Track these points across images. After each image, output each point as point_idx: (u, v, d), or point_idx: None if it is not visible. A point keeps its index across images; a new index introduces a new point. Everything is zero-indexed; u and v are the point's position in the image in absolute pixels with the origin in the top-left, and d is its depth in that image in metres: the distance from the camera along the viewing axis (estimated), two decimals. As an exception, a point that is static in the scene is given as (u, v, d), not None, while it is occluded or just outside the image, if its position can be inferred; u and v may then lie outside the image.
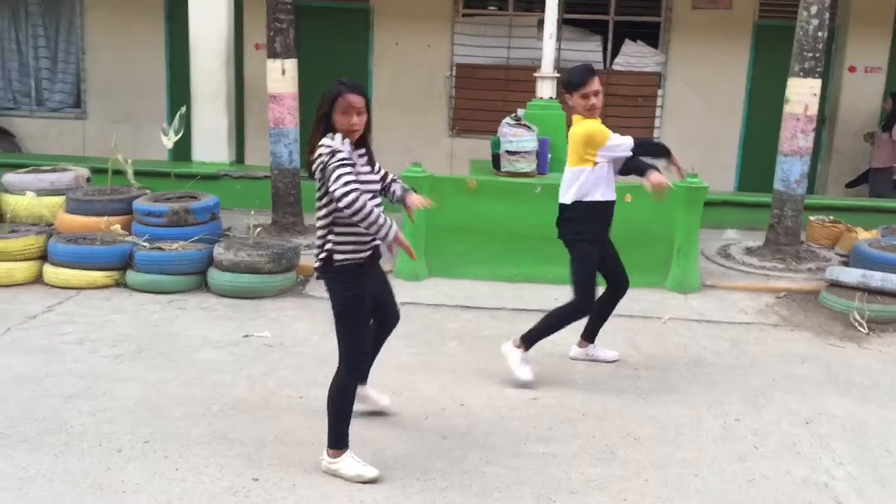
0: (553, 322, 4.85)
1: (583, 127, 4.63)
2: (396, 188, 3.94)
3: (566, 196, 4.75)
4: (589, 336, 5.20)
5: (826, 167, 11.13)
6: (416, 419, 4.30)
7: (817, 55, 6.92)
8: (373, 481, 3.64)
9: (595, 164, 4.63)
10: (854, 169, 10.95)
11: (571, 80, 4.65)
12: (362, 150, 3.71)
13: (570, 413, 4.47)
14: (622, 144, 4.65)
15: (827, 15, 6.92)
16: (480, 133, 10.20)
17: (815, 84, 6.98)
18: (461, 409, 4.47)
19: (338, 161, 3.48)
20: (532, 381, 4.77)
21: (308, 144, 3.65)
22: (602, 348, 5.24)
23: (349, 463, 3.68)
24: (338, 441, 3.70)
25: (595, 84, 4.62)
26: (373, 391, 4.26)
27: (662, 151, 4.87)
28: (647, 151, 4.97)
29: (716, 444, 4.18)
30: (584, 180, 4.66)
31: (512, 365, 4.80)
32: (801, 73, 6.98)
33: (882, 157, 9.91)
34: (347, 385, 3.71)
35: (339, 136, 3.56)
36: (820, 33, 6.90)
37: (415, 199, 3.91)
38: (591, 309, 4.90)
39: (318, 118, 3.60)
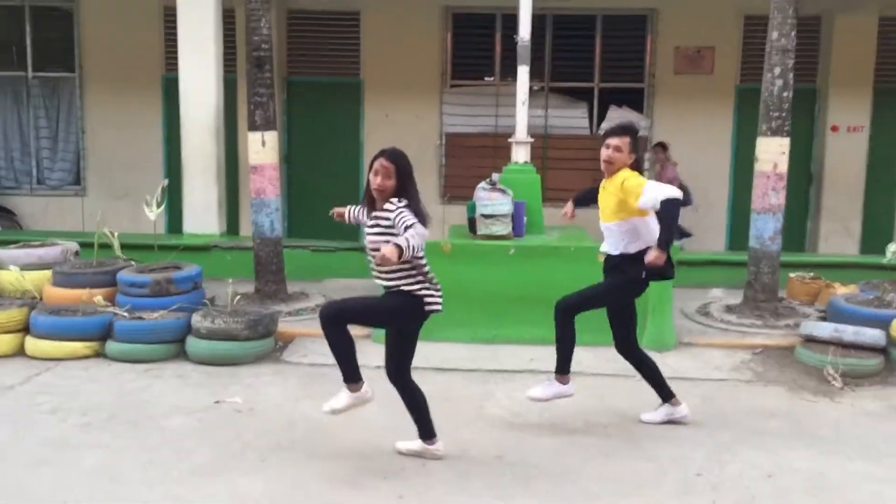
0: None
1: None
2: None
3: None
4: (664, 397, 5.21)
5: (815, 224, 11.20)
6: (374, 479, 4.31)
7: (783, 114, 7.06)
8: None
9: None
10: (843, 227, 11.01)
11: (606, 129, 5.01)
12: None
13: (531, 471, 4.47)
14: None
15: (791, 76, 7.07)
16: (471, 199, 10.32)
17: (783, 142, 7.10)
18: (422, 468, 4.48)
19: None
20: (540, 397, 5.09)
21: None
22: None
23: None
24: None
25: (610, 139, 4.83)
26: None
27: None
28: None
29: (674, 499, 4.17)
30: None
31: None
32: (769, 132, 7.11)
33: None
34: None
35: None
36: (785, 94, 7.05)
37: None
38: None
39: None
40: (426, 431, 4.53)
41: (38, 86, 11.56)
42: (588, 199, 5.29)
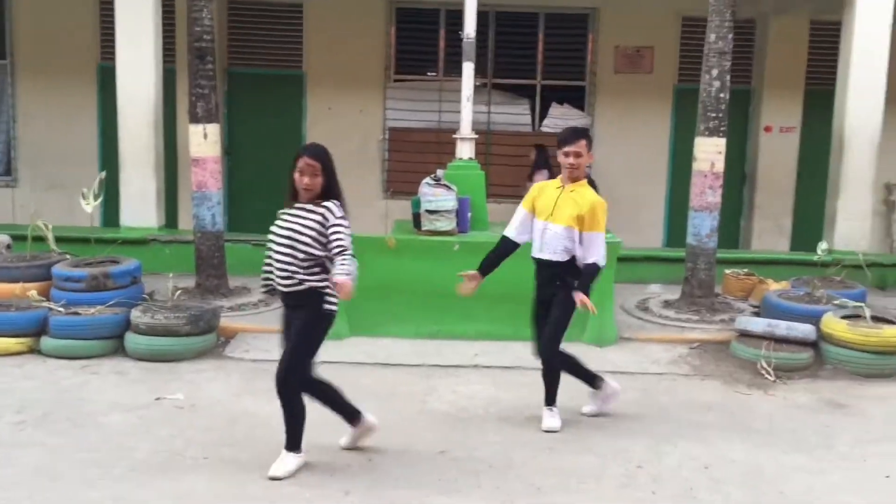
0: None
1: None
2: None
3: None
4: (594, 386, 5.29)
5: (749, 222, 11.50)
6: (320, 476, 4.30)
7: (720, 115, 7.24)
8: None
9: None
10: (775, 224, 11.34)
11: (559, 138, 5.01)
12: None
13: (476, 465, 4.51)
14: None
15: (728, 77, 7.25)
16: (414, 194, 10.34)
17: (719, 143, 7.28)
18: (368, 463, 4.49)
19: None
20: (559, 427, 5.04)
21: None
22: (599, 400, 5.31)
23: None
24: None
25: (574, 146, 4.87)
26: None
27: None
28: None
29: (616, 492, 4.26)
30: None
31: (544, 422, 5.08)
32: (707, 133, 7.28)
33: None
34: None
35: None
36: (722, 95, 7.23)
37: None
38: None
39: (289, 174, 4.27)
40: (349, 414, 4.52)
41: (-34, 71, 11.17)
42: (502, 259, 5.15)
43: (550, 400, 5.15)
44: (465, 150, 7.59)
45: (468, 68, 7.40)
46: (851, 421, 5.34)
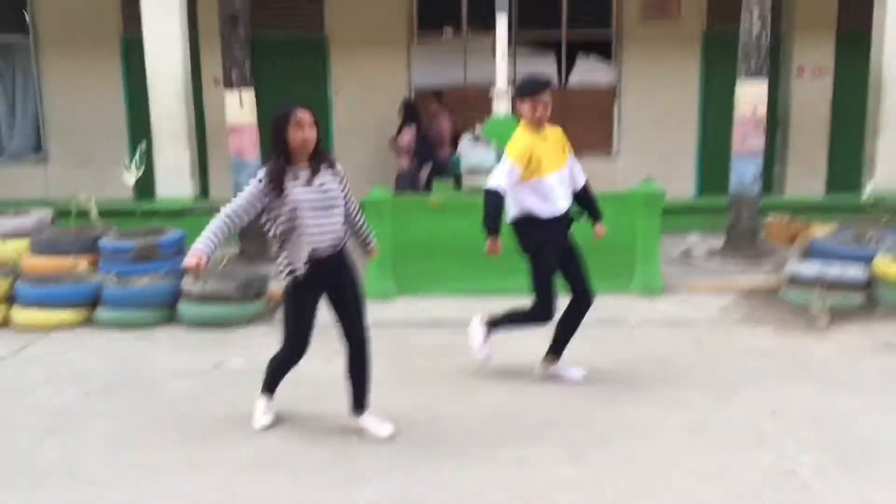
0: (514, 318, 5.05)
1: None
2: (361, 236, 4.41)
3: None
4: (555, 352, 5.18)
5: (782, 168, 11.36)
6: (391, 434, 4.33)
7: (762, 58, 7.13)
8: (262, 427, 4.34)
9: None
10: (810, 169, 11.21)
11: (523, 87, 4.83)
12: (306, 164, 4.04)
13: (540, 418, 4.53)
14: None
15: (769, 18, 7.13)
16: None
17: (761, 86, 7.18)
18: (433, 420, 4.52)
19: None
20: (487, 359, 5.07)
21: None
22: (569, 367, 5.17)
23: (259, 404, 4.42)
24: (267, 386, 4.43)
25: (545, 96, 4.77)
26: (371, 421, 4.34)
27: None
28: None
29: (683, 440, 4.26)
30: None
31: (472, 341, 5.10)
32: (748, 76, 7.18)
33: (400, 163, 10.14)
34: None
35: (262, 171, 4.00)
36: (763, 36, 7.11)
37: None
38: (548, 318, 4.94)
39: (273, 137, 3.97)
40: (362, 400, 4.37)
41: (-10, 51, 11.16)
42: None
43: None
44: (502, 106, 7.52)
45: (502, 21, 7.32)
46: (910, 362, 5.32)
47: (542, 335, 5.85)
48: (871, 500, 3.62)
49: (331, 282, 4.19)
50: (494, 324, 5.12)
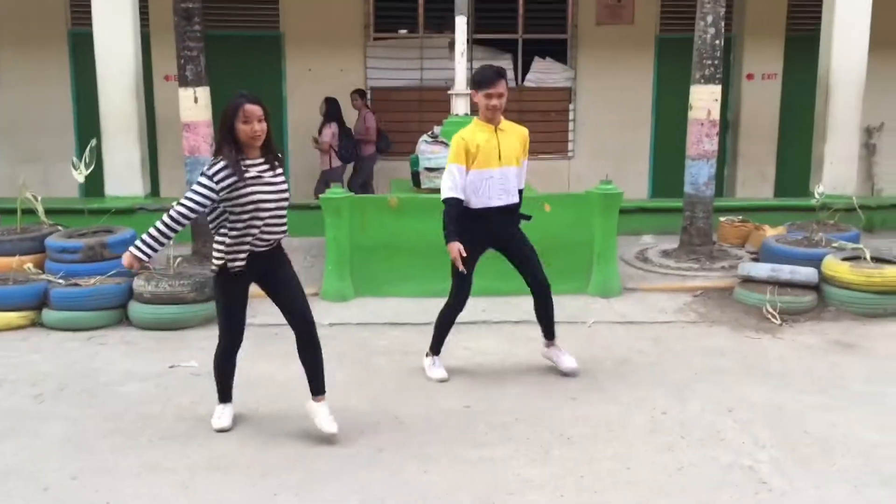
0: (441, 324, 5.10)
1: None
2: None
3: None
4: (547, 337, 5.22)
5: (732, 170, 11.59)
6: (351, 435, 4.28)
7: (716, 62, 7.24)
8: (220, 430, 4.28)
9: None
10: (759, 171, 11.43)
11: (477, 79, 4.84)
12: (260, 160, 4.01)
13: (503, 417, 4.53)
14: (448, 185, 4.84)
15: (722, 24, 7.25)
16: (398, 154, 10.30)
17: (715, 90, 7.29)
18: (395, 421, 4.48)
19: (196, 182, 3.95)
20: (446, 377, 5.03)
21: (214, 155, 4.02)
22: (563, 354, 5.18)
23: (217, 407, 4.40)
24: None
25: (500, 87, 4.75)
26: (324, 411, 4.28)
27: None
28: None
29: (644, 438, 4.29)
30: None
31: (426, 370, 5.11)
32: (702, 80, 7.28)
33: (322, 161, 10.33)
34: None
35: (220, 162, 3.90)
36: (717, 41, 7.22)
37: None
38: (460, 306, 5.04)
39: (221, 129, 3.94)
40: (320, 385, 4.32)
41: (-67, 42, 10.79)
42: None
43: (554, 334, 5.19)
44: (459, 106, 7.51)
45: (461, 22, 7.31)
46: (861, 360, 5.43)
47: (500, 336, 5.90)
48: (827, 495, 3.69)
49: (262, 273, 4.17)
50: (435, 346, 5.16)
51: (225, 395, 4.42)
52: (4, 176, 10.52)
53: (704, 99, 7.30)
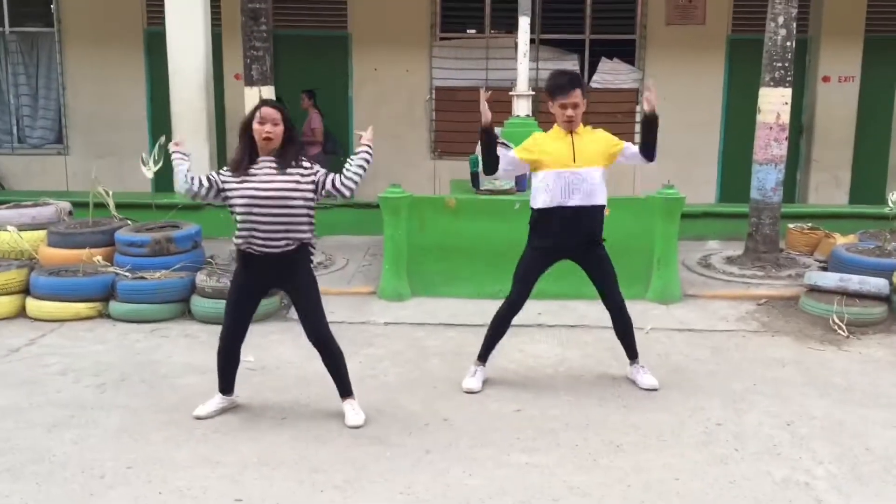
0: (495, 328, 5.00)
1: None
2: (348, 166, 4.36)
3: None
4: (629, 357, 5.09)
5: (805, 176, 11.26)
6: (400, 435, 4.30)
7: (787, 64, 7.04)
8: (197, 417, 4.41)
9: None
10: (833, 177, 11.08)
11: (550, 87, 4.70)
12: (271, 160, 4.17)
13: (552, 423, 4.49)
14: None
15: (794, 25, 7.04)
16: (461, 154, 10.24)
17: (785, 93, 7.09)
18: (444, 423, 4.48)
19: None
20: (476, 389, 4.90)
21: None
22: (642, 372, 5.04)
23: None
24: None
25: (574, 96, 4.60)
26: (348, 407, 4.43)
27: None
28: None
29: (697, 449, 4.20)
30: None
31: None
32: (772, 83, 7.09)
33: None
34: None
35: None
36: (788, 43, 7.02)
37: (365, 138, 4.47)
38: (518, 305, 4.94)
39: (241, 127, 4.22)
40: (345, 388, 4.49)
41: (15, 41, 11.26)
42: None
43: (635, 354, 5.07)
44: (521, 107, 7.49)
45: (524, 23, 7.28)
46: (931, 376, 5.23)
47: (554, 340, 5.85)
48: (887, 517, 3.56)
49: (277, 279, 4.41)
50: (483, 353, 5.04)
51: (223, 386, 4.55)
52: (80, 171, 10.90)
53: (774, 102, 7.11)
